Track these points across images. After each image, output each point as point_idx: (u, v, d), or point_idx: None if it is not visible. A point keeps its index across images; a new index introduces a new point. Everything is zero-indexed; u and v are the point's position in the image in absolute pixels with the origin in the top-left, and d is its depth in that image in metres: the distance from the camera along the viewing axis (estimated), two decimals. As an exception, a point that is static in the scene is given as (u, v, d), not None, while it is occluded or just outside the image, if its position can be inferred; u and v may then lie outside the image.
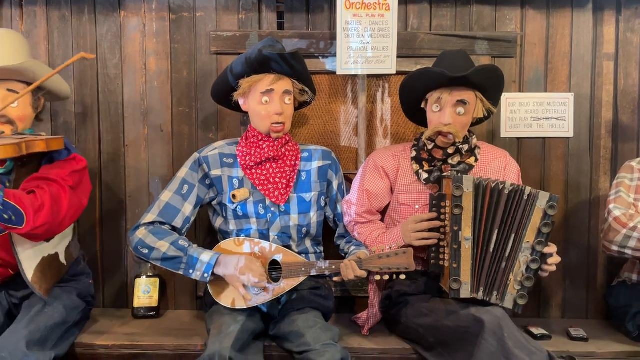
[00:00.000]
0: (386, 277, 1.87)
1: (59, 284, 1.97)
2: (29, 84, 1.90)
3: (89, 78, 2.34)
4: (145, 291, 2.25)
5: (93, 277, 2.16)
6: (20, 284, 1.87)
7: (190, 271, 1.90)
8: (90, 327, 2.10)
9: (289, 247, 2.01)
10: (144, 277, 2.27)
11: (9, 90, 1.86)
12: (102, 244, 2.38)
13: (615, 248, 1.96)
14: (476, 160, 2.02)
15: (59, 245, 1.95)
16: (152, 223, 1.96)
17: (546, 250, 1.80)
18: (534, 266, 1.80)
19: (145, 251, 1.92)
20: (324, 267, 1.89)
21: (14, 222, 1.66)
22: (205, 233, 2.37)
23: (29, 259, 1.83)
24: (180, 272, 1.92)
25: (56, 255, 1.94)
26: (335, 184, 2.10)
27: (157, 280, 2.27)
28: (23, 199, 1.68)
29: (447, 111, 1.92)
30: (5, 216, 1.64)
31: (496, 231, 1.83)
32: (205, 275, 1.88)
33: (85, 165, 1.94)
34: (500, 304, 1.81)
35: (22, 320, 1.79)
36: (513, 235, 1.82)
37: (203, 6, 2.32)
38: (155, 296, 2.26)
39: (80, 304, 2.01)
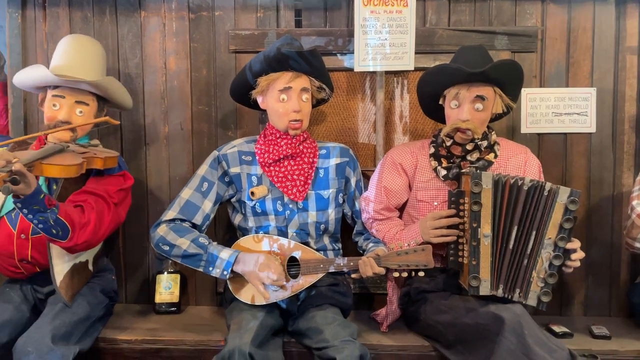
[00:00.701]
0: (405, 274, 1.87)
1: (83, 280, 2.01)
2: (97, 95, 1.98)
3: (110, 77, 2.38)
4: (167, 287, 2.28)
5: (116, 274, 2.21)
6: (46, 280, 1.92)
7: (210, 268, 1.92)
8: (113, 323, 2.14)
9: (307, 243, 2.02)
10: (165, 273, 2.30)
11: (77, 102, 1.94)
12: (124, 241, 2.42)
13: (638, 245, 1.93)
14: (495, 156, 2.00)
15: (89, 253, 2.01)
16: (173, 220, 1.99)
17: (569, 245, 1.78)
18: (556, 262, 1.78)
19: (166, 248, 1.95)
20: (342, 264, 1.89)
21: (59, 237, 1.72)
22: (225, 230, 2.39)
23: (61, 265, 1.88)
24: (200, 269, 1.94)
25: (86, 263, 1.99)
26: (353, 181, 2.10)
27: (177, 276, 2.31)
28: (73, 216, 1.73)
29: (465, 107, 1.91)
30: (54, 231, 1.69)
31: (515, 227, 1.81)
32: (225, 272, 1.90)
33: (132, 184, 2.01)
34: (523, 302, 1.79)
35: (47, 315, 1.83)
36: (534, 232, 1.80)
37: (222, 5, 2.34)
38: (176, 292, 2.29)
39: (104, 299, 2.05)
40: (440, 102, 2.02)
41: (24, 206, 1.62)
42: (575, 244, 1.79)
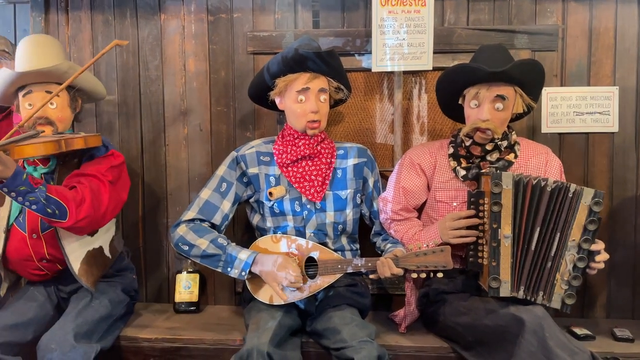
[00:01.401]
0: (423, 276, 1.86)
1: (104, 279, 2.04)
2: (70, 87, 1.96)
3: (131, 80, 2.41)
4: (186, 286, 2.31)
5: (136, 273, 2.24)
6: (69, 278, 1.95)
7: (229, 269, 1.93)
8: (134, 321, 2.17)
9: (325, 244, 2.02)
10: (185, 272, 2.32)
11: (47, 92, 1.94)
12: (144, 241, 2.45)
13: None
14: (515, 156, 1.98)
15: (103, 239, 2.03)
16: (192, 220, 2.01)
17: (593, 247, 1.75)
18: (581, 265, 1.75)
19: (186, 248, 1.97)
20: (360, 265, 1.89)
21: (57, 217, 1.74)
22: (243, 230, 2.40)
23: (75, 252, 1.91)
24: (219, 270, 1.96)
25: (100, 249, 2.01)
26: (371, 181, 2.10)
27: (197, 276, 2.33)
28: (65, 193, 1.75)
29: (485, 107, 1.89)
30: (49, 210, 1.71)
31: (538, 229, 1.79)
32: (243, 273, 1.91)
33: (123, 161, 2.01)
34: (548, 305, 1.77)
35: (70, 314, 1.86)
36: (558, 234, 1.77)
37: (240, 7, 2.36)
38: (196, 291, 2.31)
39: (125, 298, 2.08)
40: (460, 102, 2.01)
41: (10, 189, 1.65)
42: (599, 245, 1.76)
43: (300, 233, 2.02)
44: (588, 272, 1.79)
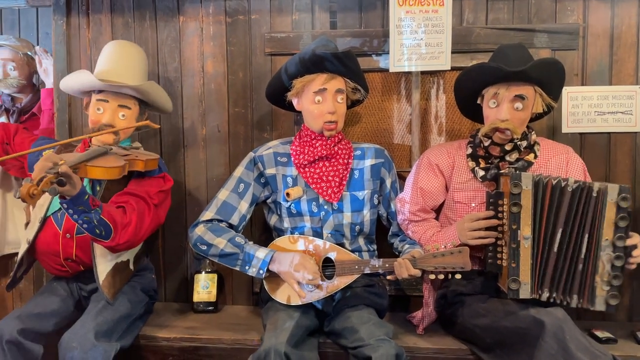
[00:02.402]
0: (441, 277, 1.85)
1: (124, 279, 2.07)
2: (139, 99, 2.04)
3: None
4: (204, 286, 2.32)
5: (155, 273, 2.27)
6: (90, 278, 1.98)
7: (246, 267, 1.94)
8: (153, 320, 2.19)
9: (342, 244, 2.02)
10: (203, 273, 2.34)
11: (120, 106, 2.00)
12: (163, 241, 2.47)
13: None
14: (535, 156, 1.96)
15: (131, 252, 2.07)
16: (211, 220, 2.02)
17: (628, 242, 1.73)
18: (618, 263, 1.73)
19: (204, 247, 1.98)
20: (377, 265, 1.89)
21: (102, 237, 1.78)
22: (261, 230, 2.41)
23: (104, 264, 1.95)
24: (237, 268, 1.97)
25: (127, 262, 2.05)
26: (388, 182, 2.09)
27: (215, 276, 2.34)
28: (115, 216, 1.79)
29: (504, 107, 1.88)
30: (97, 231, 1.75)
31: (560, 230, 1.76)
32: (261, 271, 1.92)
33: (171, 185, 2.05)
34: (591, 308, 1.75)
35: (90, 313, 1.89)
36: (586, 235, 1.75)
37: (257, 9, 2.37)
38: (214, 291, 2.33)
39: (144, 298, 2.10)
40: (478, 102, 1.99)
41: (69, 207, 1.68)
42: (634, 239, 1.74)
43: (318, 234, 2.02)
44: (628, 268, 1.76)
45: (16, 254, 2.28)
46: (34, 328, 1.85)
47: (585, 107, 2.25)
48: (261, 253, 1.93)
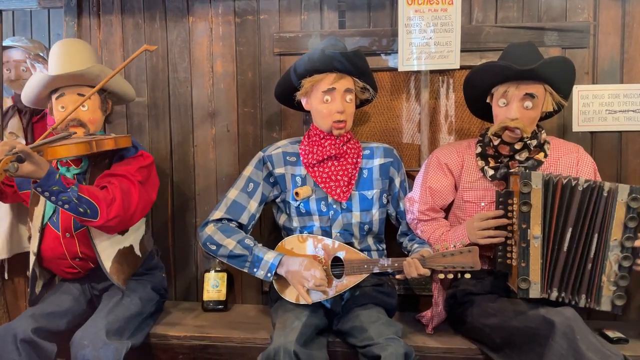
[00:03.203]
0: (450, 276, 1.85)
1: (134, 277, 2.08)
2: (102, 90, 2.01)
3: (160, 82, 2.46)
4: (214, 285, 2.34)
5: (166, 271, 2.28)
6: (101, 276, 2.00)
7: (255, 269, 1.95)
8: (163, 319, 2.20)
9: (351, 244, 2.02)
10: (213, 271, 2.35)
11: (79, 94, 2.00)
12: (173, 240, 2.49)
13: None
14: (545, 155, 1.95)
15: (133, 238, 2.07)
16: (220, 220, 2.03)
17: (637, 243, 1.72)
18: (626, 264, 1.72)
19: (213, 247, 2.00)
20: (386, 265, 1.89)
21: (88, 215, 1.79)
22: (270, 230, 2.42)
23: (106, 251, 1.96)
24: (245, 270, 1.98)
25: (131, 247, 2.06)
26: (397, 181, 2.09)
27: (225, 275, 2.35)
28: (96, 193, 1.80)
29: (513, 105, 1.87)
30: (81, 210, 1.76)
31: (570, 229, 1.76)
32: (269, 274, 1.93)
33: (152, 161, 2.05)
34: (597, 308, 1.75)
35: (102, 311, 1.91)
36: (596, 235, 1.74)
37: (266, 9, 2.38)
38: (224, 290, 2.34)
39: (155, 296, 2.12)
40: (488, 101, 1.98)
41: (43, 189, 1.69)
42: None
43: (327, 233, 2.02)
44: (635, 269, 1.75)
45: (28, 252, 2.30)
46: (47, 327, 1.87)
47: (596, 105, 2.24)
48: (270, 256, 1.94)
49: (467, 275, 1.82)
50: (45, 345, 1.83)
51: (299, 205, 2.03)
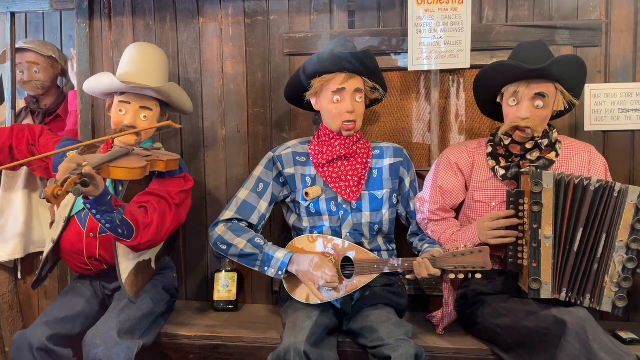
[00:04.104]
0: (461, 276, 1.84)
1: (146, 278, 2.10)
2: (160, 100, 2.07)
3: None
4: (225, 285, 2.34)
5: (177, 271, 2.29)
6: (113, 276, 2.02)
7: (265, 268, 1.96)
8: (174, 319, 2.22)
9: (361, 244, 2.02)
10: (223, 271, 2.36)
11: (141, 107, 2.03)
12: (184, 240, 2.50)
13: None
14: (557, 155, 1.93)
15: (152, 251, 2.09)
16: (230, 220, 2.04)
17: None
18: (630, 266, 1.70)
19: (224, 247, 2.00)
20: (396, 265, 1.88)
21: (124, 236, 1.81)
22: (280, 230, 2.43)
23: (126, 263, 1.98)
24: (256, 269, 1.98)
25: (149, 261, 2.08)
26: (407, 181, 2.09)
27: (235, 275, 2.36)
28: (137, 216, 1.82)
29: (524, 105, 1.86)
30: (120, 231, 1.78)
31: (581, 230, 1.74)
32: (280, 272, 1.93)
33: (192, 185, 2.07)
34: (598, 308, 1.73)
35: (113, 311, 1.92)
36: (604, 235, 1.73)
37: (276, 9, 2.38)
38: (234, 290, 2.35)
39: (166, 296, 2.13)
40: (498, 100, 1.98)
41: (92, 207, 1.71)
42: None
43: (337, 233, 2.02)
44: (639, 273, 1.74)
45: (42, 252, 2.33)
46: (61, 332, 1.88)
47: (609, 104, 2.22)
48: (280, 254, 1.95)
49: (478, 276, 1.82)
50: (61, 351, 1.85)
51: (308, 205, 2.04)
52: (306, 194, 2.03)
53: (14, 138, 2.13)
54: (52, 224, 2.10)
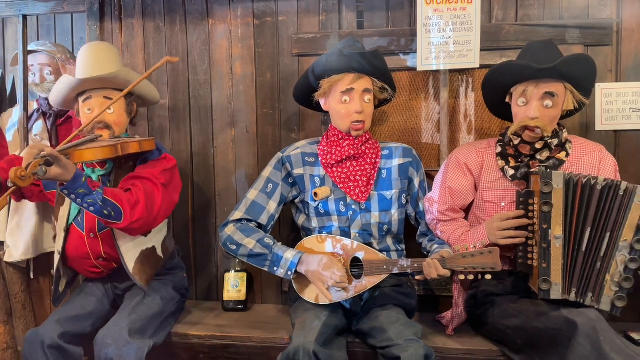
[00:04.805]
0: (471, 277, 1.83)
1: (156, 277, 2.11)
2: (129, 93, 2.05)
3: (180, 84, 2.49)
4: (234, 285, 2.35)
5: (187, 271, 2.30)
6: (123, 276, 2.03)
7: (275, 268, 1.96)
8: (184, 318, 2.23)
9: (370, 244, 2.02)
10: (233, 271, 2.37)
11: (105, 97, 2.04)
12: (194, 240, 2.51)
13: None
14: (567, 155, 1.92)
15: (156, 239, 2.10)
16: (240, 220, 2.05)
17: None
18: (632, 266, 1.69)
19: (233, 247, 2.01)
20: (405, 265, 1.88)
21: (113, 218, 1.82)
22: (289, 230, 2.43)
23: (130, 252, 1.99)
24: (265, 269, 1.99)
25: (153, 248, 2.09)
26: (416, 181, 2.09)
27: (244, 275, 2.37)
28: (120, 196, 1.83)
29: (533, 104, 1.85)
30: (105, 212, 1.79)
31: (589, 229, 1.73)
32: (289, 272, 1.94)
33: (175, 164, 2.07)
34: (596, 307, 1.72)
35: (124, 310, 1.94)
36: (608, 234, 1.72)
37: (285, 10, 2.39)
38: (243, 290, 2.36)
39: (176, 296, 2.14)
40: (507, 100, 1.97)
41: (70, 191, 1.73)
42: None
43: (346, 233, 2.03)
44: None
45: (53, 253, 2.34)
46: (73, 331, 1.90)
47: (620, 103, 2.20)
48: (289, 254, 1.95)
49: (488, 276, 1.81)
50: (72, 349, 1.87)
51: (317, 205, 2.04)
52: (315, 194, 2.03)
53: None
54: (54, 237, 2.11)
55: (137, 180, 1.94)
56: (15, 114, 2.73)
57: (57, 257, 2.06)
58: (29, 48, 2.63)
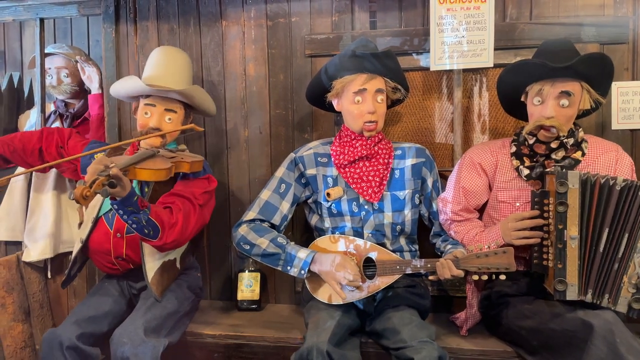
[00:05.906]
0: (485, 277, 1.82)
1: (171, 278, 2.13)
2: (184, 103, 2.11)
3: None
4: (248, 285, 2.37)
5: (201, 271, 2.32)
6: (139, 276, 2.05)
7: (288, 267, 1.97)
8: (199, 318, 2.25)
9: (383, 244, 2.02)
10: (247, 271, 2.38)
11: (166, 109, 2.07)
12: (208, 241, 2.53)
13: None
14: (583, 154, 1.90)
15: (177, 252, 2.13)
16: (253, 220, 2.06)
17: None
18: None
19: (247, 247, 2.02)
20: (419, 266, 1.87)
21: (150, 236, 1.84)
22: (302, 230, 2.44)
23: (152, 263, 2.01)
24: (279, 268, 2.00)
25: (174, 260, 2.11)
26: (429, 182, 2.08)
27: (258, 274, 2.38)
28: (162, 217, 1.85)
29: (549, 104, 1.83)
30: (146, 231, 1.82)
31: (606, 230, 1.71)
32: (302, 271, 1.94)
33: (216, 186, 2.10)
34: (612, 308, 1.70)
35: (140, 309, 1.96)
36: (626, 235, 1.69)
37: (298, 11, 2.39)
38: (257, 290, 2.36)
39: (190, 295, 2.16)
40: (522, 99, 1.95)
41: (120, 208, 1.74)
42: None
43: (358, 233, 2.03)
44: None
45: (70, 252, 2.39)
46: (90, 331, 1.92)
47: (637, 102, 2.17)
48: (303, 254, 1.96)
49: (502, 277, 1.80)
50: (90, 350, 1.89)
51: (330, 205, 2.04)
52: (328, 194, 2.03)
53: (44, 141, 2.19)
54: (80, 224, 2.15)
55: (178, 199, 1.95)
56: (32, 115, 2.78)
57: (77, 245, 2.08)
58: (46, 51, 2.67)
